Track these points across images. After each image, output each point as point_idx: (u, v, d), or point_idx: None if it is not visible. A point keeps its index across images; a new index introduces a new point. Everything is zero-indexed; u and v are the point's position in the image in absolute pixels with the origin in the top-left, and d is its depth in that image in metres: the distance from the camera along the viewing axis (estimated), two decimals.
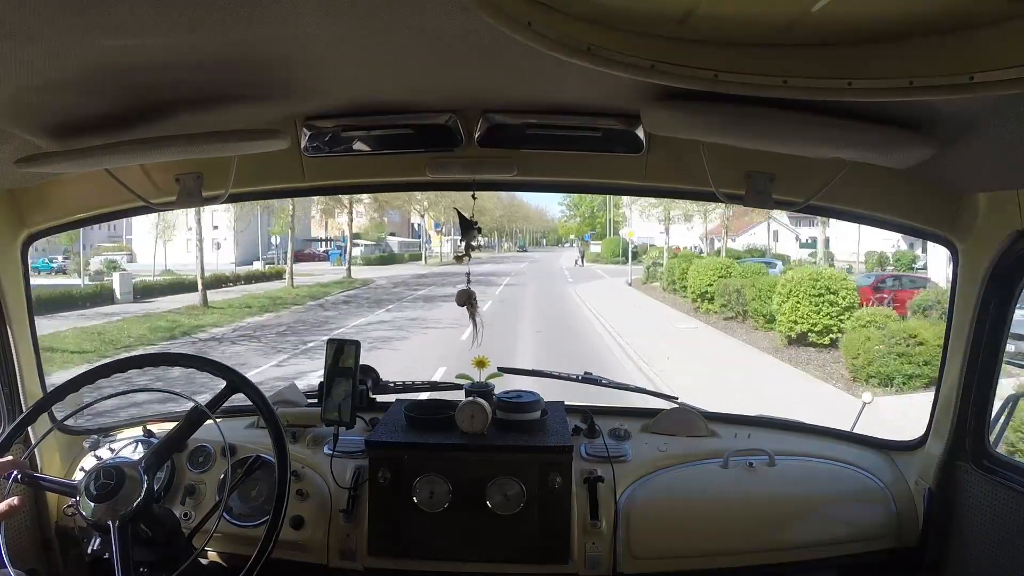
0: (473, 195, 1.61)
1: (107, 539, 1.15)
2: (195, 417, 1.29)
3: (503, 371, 1.80)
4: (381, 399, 1.83)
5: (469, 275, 1.61)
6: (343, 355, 1.58)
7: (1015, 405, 1.52)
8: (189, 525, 1.40)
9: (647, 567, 1.50)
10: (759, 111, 1.03)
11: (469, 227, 1.58)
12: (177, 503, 1.54)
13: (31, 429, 1.48)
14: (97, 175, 1.43)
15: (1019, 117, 0.96)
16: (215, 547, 1.50)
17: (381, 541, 1.47)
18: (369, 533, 1.48)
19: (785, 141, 1.14)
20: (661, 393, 2.00)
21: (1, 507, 1.13)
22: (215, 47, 0.94)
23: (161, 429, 1.64)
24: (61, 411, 1.53)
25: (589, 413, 1.71)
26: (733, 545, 1.50)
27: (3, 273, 1.53)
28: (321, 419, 1.60)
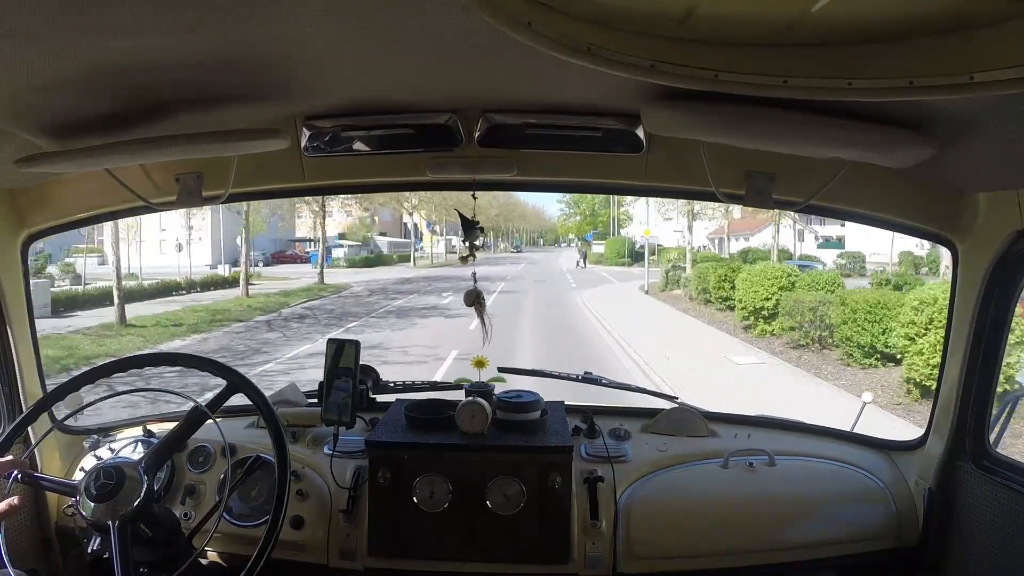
0: (473, 195, 1.61)
1: (107, 539, 1.15)
2: (195, 417, 1.29)
3: (503, 371, 1.80)
4: (381, 399, 1.83)
5: (475, 275, 1.61)
6: (343, 355, 1.58)
7: (1015, 405, 1.52)
8: (189, 525, 1.40)
9: (647, 567, 1.50)
10: (759, 111, 1.03)
11: (472, 227, 1.58)
12: (177, 503, 1.54)
13: (31, 429, 1.48)
14: (97, 175, 1.43)
15: (1019, 117, 0.95)
16: (215, 547, 1.50)
17: (381, 541, 1.47)
18: (369, 533, 1.47)
19: (785, 141, 1.14)
20: (661, 393, 2.00)
21: (1, 507, 1.13)
22: (215, 47, 0.94)
23: (161, 429, 1.64)
24: (61, 411, 1.53)
25: (589, 413, 1.71)
26: (733, 545, 1.50)
27: (3, 273, 1.53)
28: (321, 419, 1.61)
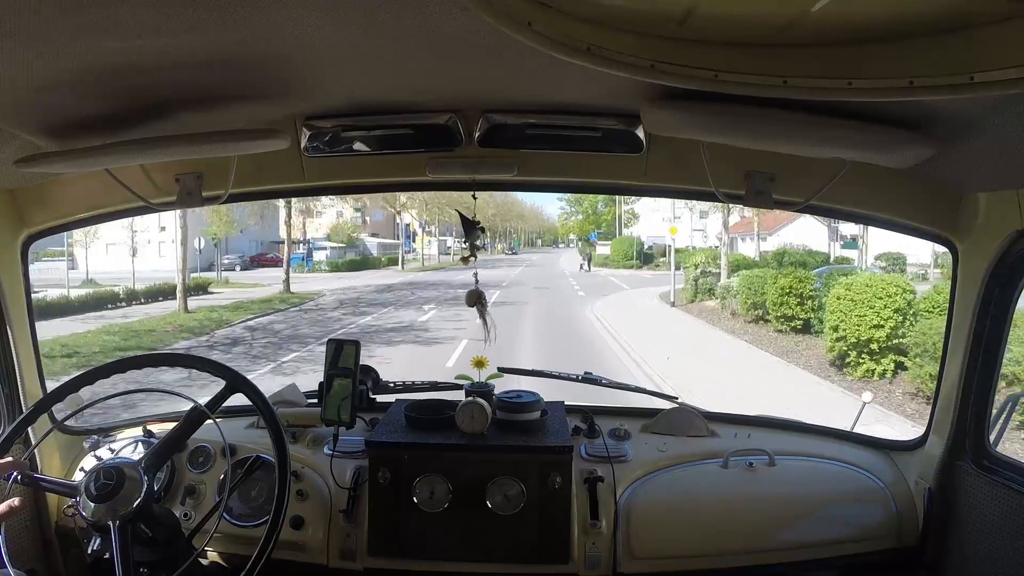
0: (474, 195, 1.61)
1: (107, 539, 1.15)
2: (195, 417, 1.29)
3: (503, 371, 1.80)
4: (381, 399, 1.83)
5: (477, 275, 1.61)
6: (343, 355, 1.58)
7: (1015, 405, 1.52)
8: (189, 525, 1.40)
9: (647, 567, 1.50)
10: (759, 111, 1.03)
11: (472, 227, 1.58)
12: (177, 503, 1.54)
13: (31, 429, 1.47)
14: (97, 175, 1.43)
15: (1019, 117, 0.95)
16: (215, 547, 1.50)
17: (381, 541, 1.47)
18: (369, 533, 1.47)
19: (785, 141, 1.14)
20: (661, 393, 2.00)
21: (1, 508, 1.13)
22: (215, 47, 0.94)
23: (161, 429, 1.64)
24: (61, 411, 1.53)
25: (589, 413, 1.71)
26: (733, 545, 1.50)
27: (3, 273, 1.53)
28: (321, 419, 1.60)
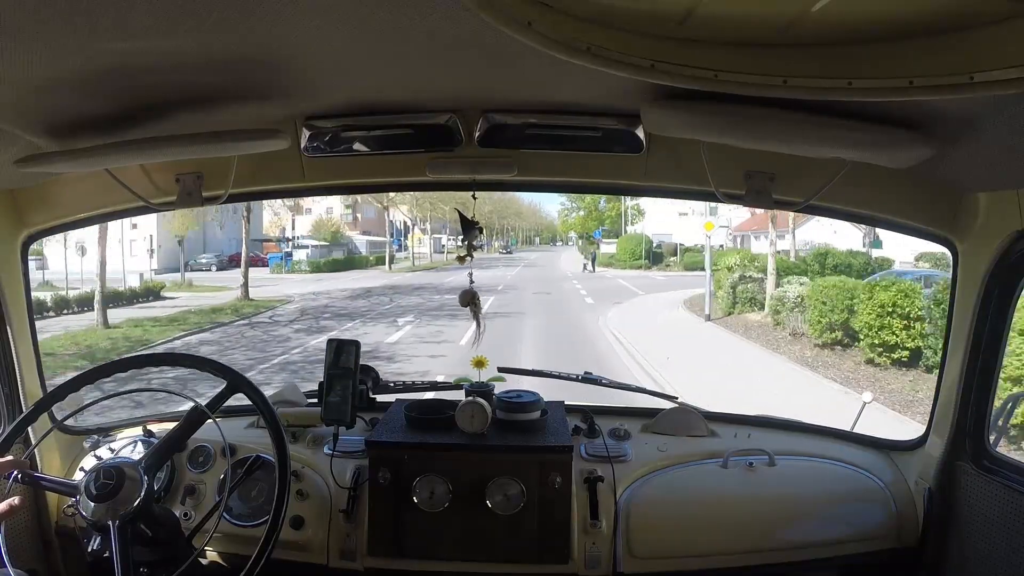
0: (473, 195, 1.61)
1: (107, 539, 1.15)
2: (195, 417, 1.29)
3: (503, 371, 1.80)
4: (381, 399, 1.83)
5: (471, 274, 1.61)
6: (343, 355, 1.58)
7: (1015, 405, 1.52)
8: (189, 525, 1.40)
9: (647, 567, 1.50)
10: (759, 111, 1.03)
11: (471, 227, 1.58)
12: (177, 503, 1.54)
13: (31, 429, 1.48)
14: (97, 175, 1.43)
15: (1019, 117, 0.95)
16: (215, 547, 1.50)
17: (381, 541, 1.47)
18: (369, 533, 1.47)
19: (785, 141, 1.14)
20: (661, 393, 2.00)
21: (1, 507, 1.13)
22: (215, 48, 0.94)
23: (161, 429, 1.64)
24: (61, 411, 1.53)
25: (589, 413, 1.71)
26: (733, 545, 1.50)
27: (3, 273, 1.53)
28: (321, 419, 1.61)
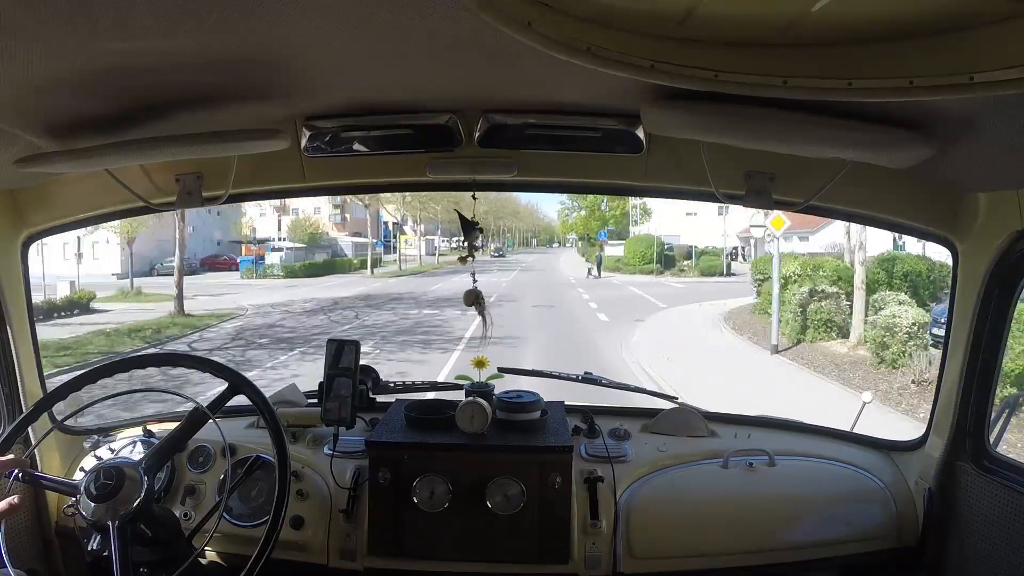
0: (474, 196, 1.61)
1: (107, 539, 1.15)
2: (196, 418, 1.29)
3: (503, 371, 1.80)
4: (381, 399, 1.83)
5: (474, 274, 1.61)
6: (343, 355, 1.58)
7: (1015, 405, 1.52)
8: (189, 525, 1.40)
9: (647, 567, 1.50)
10: (759, 111, 1.03)
11: (471, 228, 1.58)
12: (177, 503, 1.54)
13: (31, 429, 1.48)
14: (97, 175, 1.43)
15: (1019, 117, 0.95)
16: (215, 547, 1.50)
17: (381, 541, 1.47)
18: (369, 533, 1.47)
19: (785, 141, 1.14)
20: (661, 393, 2.00)
21: (2, 506, 1.13)
22: (215, 48, 0.94)
23: (161, 429, 1.64)
24: (61, 412, 1.53)
25: (589, 413, 1.71)
26: (733, 545, 1.50)
27: (3, 273, 1.53)
28: (321, 419, 1.61)
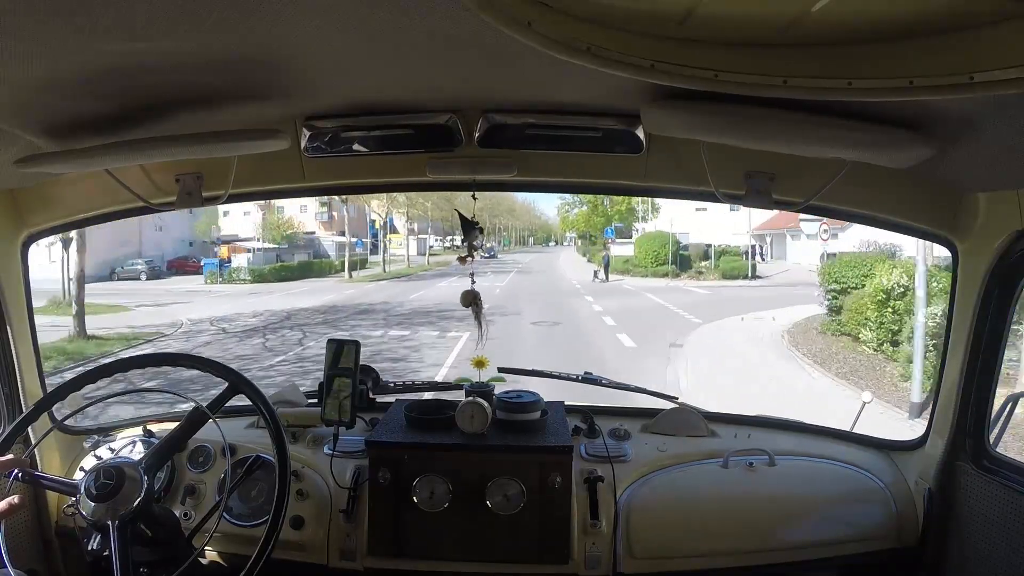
0: (474, 196, 1.61)
1: (107, 539, 1.15)
2: (196, 418, 1.29)
3: (503, 371, 1.80)
4: (381, 399, 1.83)
5: (473, 275, 1.61)
6: (343, 355, 1.58)
7: (1015, 405, 1.52)
8: (189, 525, 1.40)
9: (647, 567, 1.50)
10: (759, 111, 1.03)
11: (471, 228, 1.58)
12: (177, 503, 1.54)
13: (31, 429, 1.48)
14: (97, 175, 1.43)
15: (1019, 117, 0.95)
16: (215, 547, 1.50)
17: (381, 541, 1.47)
18: (369, 533, 1.47)
19: (785, 141, 1.14)
20: (661, 393, 2.00)
21: (2, 505, 1.13)
22: (215, 48, 0.94)
23: (161, 429, 1.64)
24: (61, 411, 1.53)
25: (589, 413, 1.71)
26: (733, 545, 1.50)
27: (3, 273, 1.53)
28: (321, 419, 1.61)
